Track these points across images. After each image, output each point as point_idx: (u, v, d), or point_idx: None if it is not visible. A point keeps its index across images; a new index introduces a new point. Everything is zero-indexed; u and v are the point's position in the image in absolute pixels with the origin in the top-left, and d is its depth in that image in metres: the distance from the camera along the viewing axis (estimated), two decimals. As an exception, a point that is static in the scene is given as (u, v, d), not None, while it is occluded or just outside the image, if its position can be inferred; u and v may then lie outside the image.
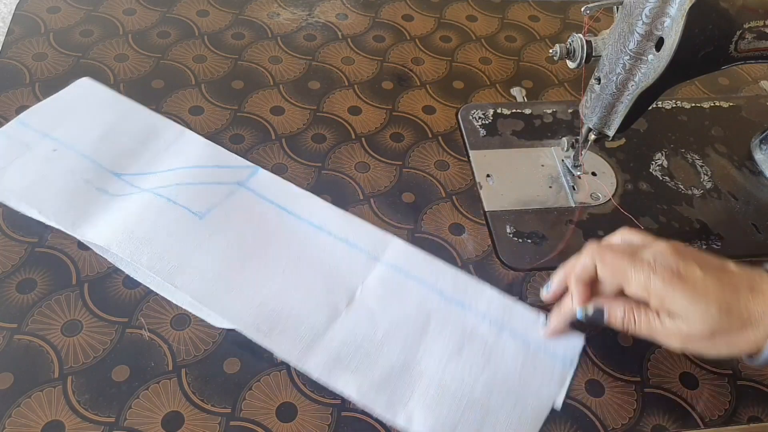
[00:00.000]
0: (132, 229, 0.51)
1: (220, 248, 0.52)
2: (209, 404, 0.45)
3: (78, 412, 0.43)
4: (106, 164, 0.56)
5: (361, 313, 0.49)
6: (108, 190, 0.55)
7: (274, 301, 0.49)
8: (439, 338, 0.49)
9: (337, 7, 0.76)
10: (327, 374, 0.46)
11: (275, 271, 0.51)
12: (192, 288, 0.49)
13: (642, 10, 0.44)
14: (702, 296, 0.40)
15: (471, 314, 0.50)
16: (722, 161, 0.65)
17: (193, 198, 0.54)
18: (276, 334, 0.47)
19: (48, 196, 0.53)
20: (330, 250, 0.53)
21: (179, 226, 0.52)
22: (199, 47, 0.69)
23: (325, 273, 0.51)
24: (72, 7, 0.71)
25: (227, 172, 0.57)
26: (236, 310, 0.48)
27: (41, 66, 0.64)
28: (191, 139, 0.60)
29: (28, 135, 0.58)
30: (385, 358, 0.47)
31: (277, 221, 0.54)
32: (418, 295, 0.51)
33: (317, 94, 0.67)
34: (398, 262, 0.53)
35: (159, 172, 0.57)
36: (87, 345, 0.46)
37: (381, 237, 0.54)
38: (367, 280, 0.51)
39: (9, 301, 0.48)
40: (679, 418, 0.47)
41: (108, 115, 0.60)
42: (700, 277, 0.41)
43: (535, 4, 0.81)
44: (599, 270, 0.44)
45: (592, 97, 0.52)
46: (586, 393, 0.48)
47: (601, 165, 0.63)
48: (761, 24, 0.46)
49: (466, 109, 0.66)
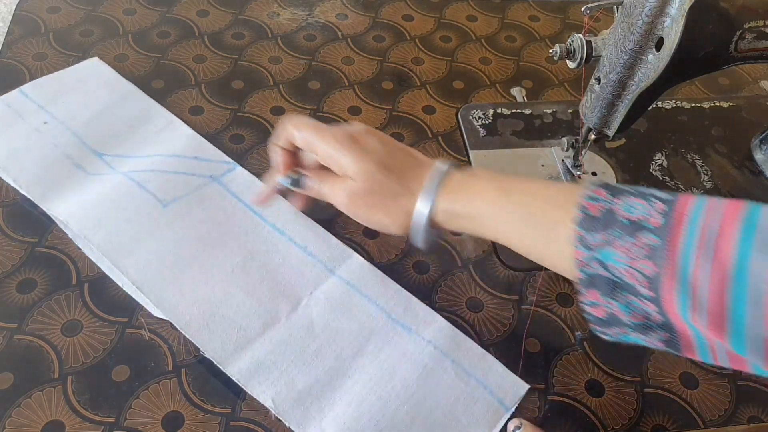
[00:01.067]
0: (94, 208, 0.52)
1: (175, 238, 0.52)
2: (209, 404, 0.45)
3: (78, 412, 0.43)
4: (90, 143, 0.58)
5: (300, 323, 0.48)
6: (86, 168, 0.56)
7: (214, 299, 0.49)
8: (375, 358, 0.47)
9: (337, 7, 0.76)
10: (246, 379, 0.45)
11: (224, 268, 0.51)
12: (134, 274, 0.49)
13: (642, 10, 0.44)
14: (368, 156, 0.42)
15: (416, 338, 0.48)
16: (722, 161, 0.65)
17: (163, 186, 0.55)
18: (207, 332, 0.47)
19: (26, 166, 0.55)
20: (286, 255, 0.52)
21: (140, 211, 0.53)
22: (199, 47, 0.69)
23: (275, 278, 0.51)
24: (72, 7, 0.71)
25: (204, 164, 0.57)
26: (172, 302, 0.48)
27: (41, 66, 0.64)
28: (178, 128, 0.60)
29: (26, 105, 0.59)
30: (312, 371, 0.46)
31: (241, 219, 0.54)
32: (365, 313, 0.50)
33: (317, 94, 0.67)
34: (352, 278, 0.51)
35: (139, 156, 0.57)
36: (87, 345, 0.46)
37: (341, 251, 0.53)
38: (316, 291, 0.50)
39: (9, 301, 0.48)
40: (679, 418, 0.47)
41: (106, 96, 0.62)
42: (373, 144, 0.43)
43: (535, 4, 0.81)
44: (296, 140, 0.44)
45: (592, 97, 0.52)
46: (586, 393, 0.48)
47: (601, 165, 0.63)
48: (761, 24, 0.46)
49: (466, 109, 0.66)
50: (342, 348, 0.47)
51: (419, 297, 0.51)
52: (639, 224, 0.33)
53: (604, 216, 0.35)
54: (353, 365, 0.47)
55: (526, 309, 0.52)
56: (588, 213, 0.35)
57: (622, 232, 0.34)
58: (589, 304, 0.37)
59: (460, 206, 0.41)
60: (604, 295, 0.36)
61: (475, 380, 0.47)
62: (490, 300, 0.53)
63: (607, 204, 0.35)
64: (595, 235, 0.35)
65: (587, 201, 0.36)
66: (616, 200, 0.35)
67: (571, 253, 0.36)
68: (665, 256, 0.32)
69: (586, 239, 0.35)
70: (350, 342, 0.48)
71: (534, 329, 0.51)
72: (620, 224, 0.34)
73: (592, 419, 0.47)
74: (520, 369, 0.48)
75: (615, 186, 0.36)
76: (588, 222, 0.35)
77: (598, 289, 0.36)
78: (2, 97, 0.60)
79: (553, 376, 0.49)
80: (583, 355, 0.50)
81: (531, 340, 0.50)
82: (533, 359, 0.49)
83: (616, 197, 0.35)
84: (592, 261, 0.35)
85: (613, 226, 0.34)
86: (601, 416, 0.47)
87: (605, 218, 0.35)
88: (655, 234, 0.33)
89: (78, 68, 0.64)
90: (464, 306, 0.52)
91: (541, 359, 0.49)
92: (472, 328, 0.50)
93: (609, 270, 0.35)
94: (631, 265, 0.33)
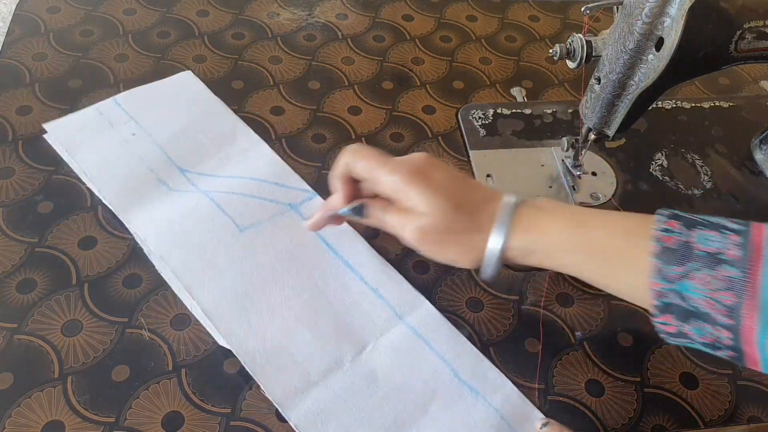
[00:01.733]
0: (172, 227, 0.52)
1: (249, 267, 0.51)
2: (209, 404, 0.45)
3: (78, 412, 0.43)
4: (175, 158, 0.58)
5: (363, 370, 0.46)
6: (168, 183, 0.56)
7: (280, 336, 0.47)
8: (438, 419, 0.45)
9: (337, 7, 0.76)
10: (304, 427, 0.43)
11: (294, 303, 0.49)
12: (206, 302, 0.48)
13: (642, 10, 0.44)
14: (439, 192, 0.42)
15: (482, 404, 0.46)
16: (722, 161, 0.65)
17: (242, 210, 0.54)
18: (270, 370, 0.45)
19: (111, 177, 0.55)
20: (357, 296, 0.50)
21: (217, 235, 0.52)
22: (199, 47, 0.69)
23: (343, 319, 0.49)
24: (72, 7, 0.71)
25: (284, 191, 0.56)
26: (239, 336, 0.47)
27: (41, 66, 0.64)
28: (263, 151, 0.60)
29: (117, 115, 0.60)
30: (371, 428, 0.44)
31: (314, 252, 0.52)
32: (431, 367, 0.47)
33: (317, 94, 0.67)
34: (421, 327, 0.49)
35: (221, 176, 0.57)
36: (87, 345, 0.46)
37: (413, 297, 0.51)
38: (382, 338, 0.48)
39: (9, 301, 0.48)
40: (679, 418, 0.47)
41: (195, 112, 0.62)
42: (441, 178, 0.43)
43: (535, 4, 0.81)
44: (357, 171, 0.45)
45: (592, 97, 0.52)
46: (586, 393, 0.48)
47: (601, 165, 0.63)
48: (761, 24, 0.46)
49: (466, 109, 0.66)
50: (404, 405, 0.45)
51: (419, 297, 0.51)
52: (716, 257, 0.35)
53: (680, 248, 0.36)
54: (414, 426, 0.44)
55: (526, 309, 0.52)
56: (664, 245, 0.37)
57: (700, 265, 0.35)
58: (661, 323, 0.38)
59: (532, 242, 0.42)
60: (678, 319, 0.37)
61: None
62: (490, 300, 0.53)
63: (682, 237, 0.37)
64: (674, 267, 0.36)
65: (662, 233, 0.37)
66: (691, 233, 0.37)
67: (648, 284, 0.37)
68: (746, 287, 0.34)
69: (664, 271, 0.36)
70: (413, 400, 0.45)
71: (534, 329, 0.51)
72: (697, 257, 0.36)
73: (592, 419, 0.47)
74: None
75: (685, 216, 0.38)
76: (665, 255, 0.37)
77: (673, 314, 0.37)
78: (96, 105, 0.61)
79: (553, 376, 0.49)
80: (583, 355, 0.50)
81: (531, 340, 0.50)
82: (533, 359, 0.49)
83: (690, 229, 0.37)
84: (670, 292, 0.37)
85: (691, 260, 0.36)
86: (601, 416, 0.47)
87: (681, 251, 0.36)
88: (734, 266, 0.34)
89: (171, 81, 0.64)
90: (464, 306, 0.52)
91: (541, 359, 0.49)
92: (472, 328, 0.50)
93: (686, 300, 0.36)
94: (710, 296, 0.35)
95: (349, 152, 0.45)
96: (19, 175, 0.56)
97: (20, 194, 0.54)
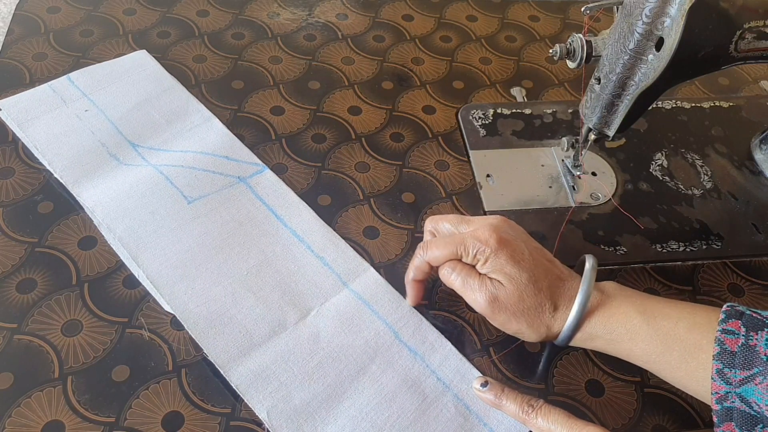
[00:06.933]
0: (121, 198, 0.53)
1: (195, 236, 0.52)
2: (209, 404, 0.45)
3: (78, 412, 0.43)
4: (126, 133, 0.59)
5: (306, 333, 0.48)
6: (119, 157, 0.57)
7: (224, 300, 0.49)
8: (377, 379, 0.46)
9: (337, 7, 0.76)
10: (245, 387, 0.44)
11: (238, 270, 0.51)
12: (150, 267, 0.50)
13: (642, 10, 0.44)
14: (520, 265, 0.43)
15: (420, 364, 0.47)
16: (722, 161, 0.65)
17: (191, 182, 0.55)
18: (213, 334, 0.47)
19: (63, 151, 0.56)
20: (302, 263, 0.52)
21: (164, 206, 0.53)
22: (199, 47, 0.69)
23: (288, 285, 0.50)
24: (72, 7, 0.71)
25: (234, 165, 0.58)
26: (183, 300, 0.48)
27: (41, 66, 0.64)
28: (214, 126, 0.61)
29: (71, 92, 0.61)
30: (311, 387, 0.45)
31: (262, 222, 0.54)
32: (372, 329, 0.48)
33: (317, 94, 0.67)
34: (365, 293, 0.50)
35: (172, 150, 0.58)
36: (87, 345, 0.46)
37: (358, 264, 0.52)
38: (327, 303, 0.50)
39: (9, 301, 0.48)
40: (679, 418, 0.47)
41: (148, 89, 0.63)
42: (523, 249, 0.44)
43: (535, 4, 0.81)
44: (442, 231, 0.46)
45: (592, 97, 0.52)
46: (586, 393, 0.48)
47: (601, 165, 0.63)
48: (761, 24, 0.46)
49: (466, 109, 0.66)
50: (345, 365, 0.46)
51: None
52: None
53: (742, 352, 0.36)
54: (353, 385, 0.45)
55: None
56: (726, 348, 0.37)
57: (764, 369, 0.35)
58: None
59: (600, 329, 0.43)
60: (740, 427, 0.36)
61: (476, 417, 0.45)
62: (490, 300, 0.52)
63: (744, 339, 0.36)
64: (736, 372, 0.36)
65: (724, 335, 0.37)
66: (753, 334, 0.36)
67: (709, 385, 0.37)
68: None
69: (726, 374, 0.36)
70: (354, 359, 0.47)
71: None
72: (761, 361, 0.35)
73: (592, 419, 0.47)
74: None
75: (749, 316, 0.37)
76: (726, 358, 0.36)
77: (735, 422, 0.37)
78: (50, 83, 0.62)
79: (553, 376, 0.49)
80: (583, 355, 0.50)
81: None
82: (533, 359, 0.49)
83: (752, 332, 0.36)
84: (731, 395, 0.36)
85: (755, 364, 0.35)
86: (601, 416, 0.47)
87: (744, 354, 0.36)
88: None
89: (125, 59, 0.66)
90: (464, 306, 0.52)
91: (541, 359, 0.49)
92: (472, 328, 0.50)
93: (749, 405, 0.36)
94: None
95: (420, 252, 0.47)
96: (19, 175, 0.56)
97: (20, 194, 0.54)
